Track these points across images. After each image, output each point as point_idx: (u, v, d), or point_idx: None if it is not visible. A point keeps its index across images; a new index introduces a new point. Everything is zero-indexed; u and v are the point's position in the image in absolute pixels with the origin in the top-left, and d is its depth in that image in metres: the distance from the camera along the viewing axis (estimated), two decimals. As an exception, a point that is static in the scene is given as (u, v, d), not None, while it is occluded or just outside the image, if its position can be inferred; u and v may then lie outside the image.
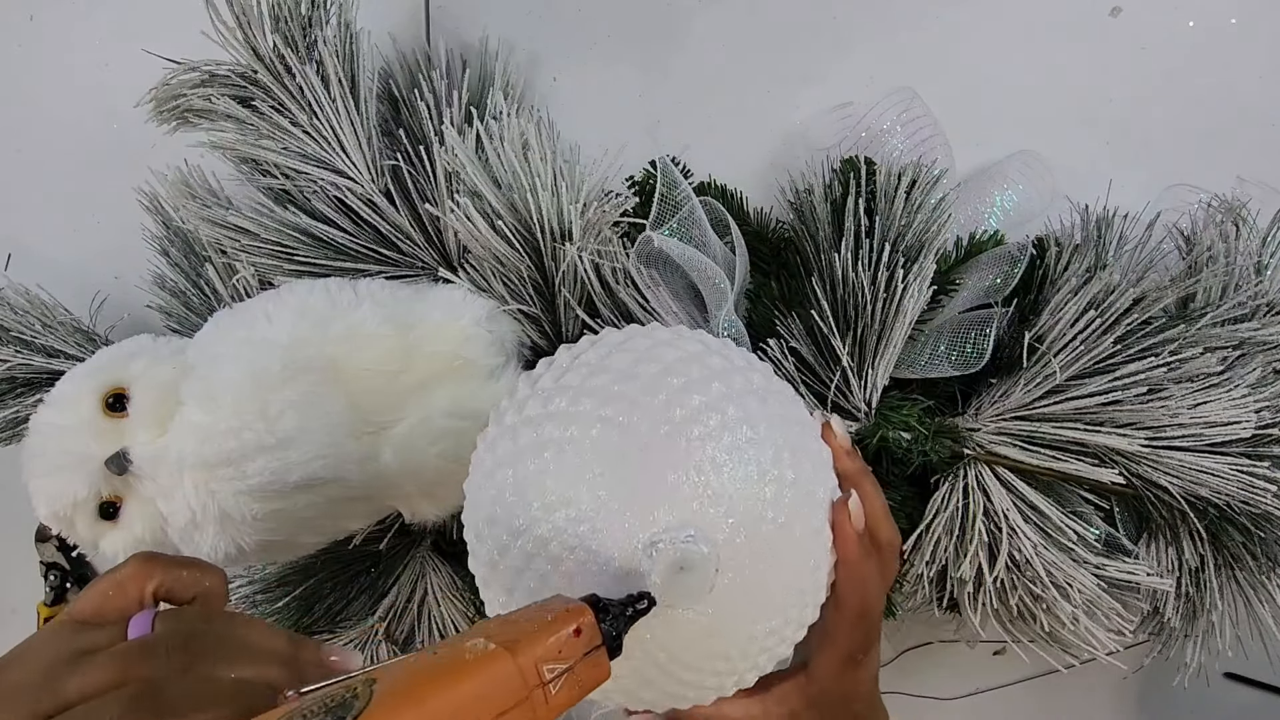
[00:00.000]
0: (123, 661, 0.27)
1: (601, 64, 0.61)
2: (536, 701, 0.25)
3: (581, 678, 0.26)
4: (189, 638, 0.29)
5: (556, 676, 0.25)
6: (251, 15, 0.49)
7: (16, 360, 0.55)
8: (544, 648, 0.25)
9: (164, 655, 0.28)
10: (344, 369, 0.47)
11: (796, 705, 0.38)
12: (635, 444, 0.32)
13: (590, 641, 0.26)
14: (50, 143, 0.67)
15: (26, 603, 0.73)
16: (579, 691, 0.26)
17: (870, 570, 0.36)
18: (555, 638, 0.25)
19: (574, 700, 0.26)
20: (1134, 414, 0.49)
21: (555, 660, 0.25)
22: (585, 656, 0.26)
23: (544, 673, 0.25)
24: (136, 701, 0.26)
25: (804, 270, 0.52)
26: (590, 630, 0.26)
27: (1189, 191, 0.56)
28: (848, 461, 0.37)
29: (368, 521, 0.53)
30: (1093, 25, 0.57)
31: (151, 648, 0.28)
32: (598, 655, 0.26)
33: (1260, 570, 0.52)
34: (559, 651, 0.25)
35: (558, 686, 0.25)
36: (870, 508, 0.36)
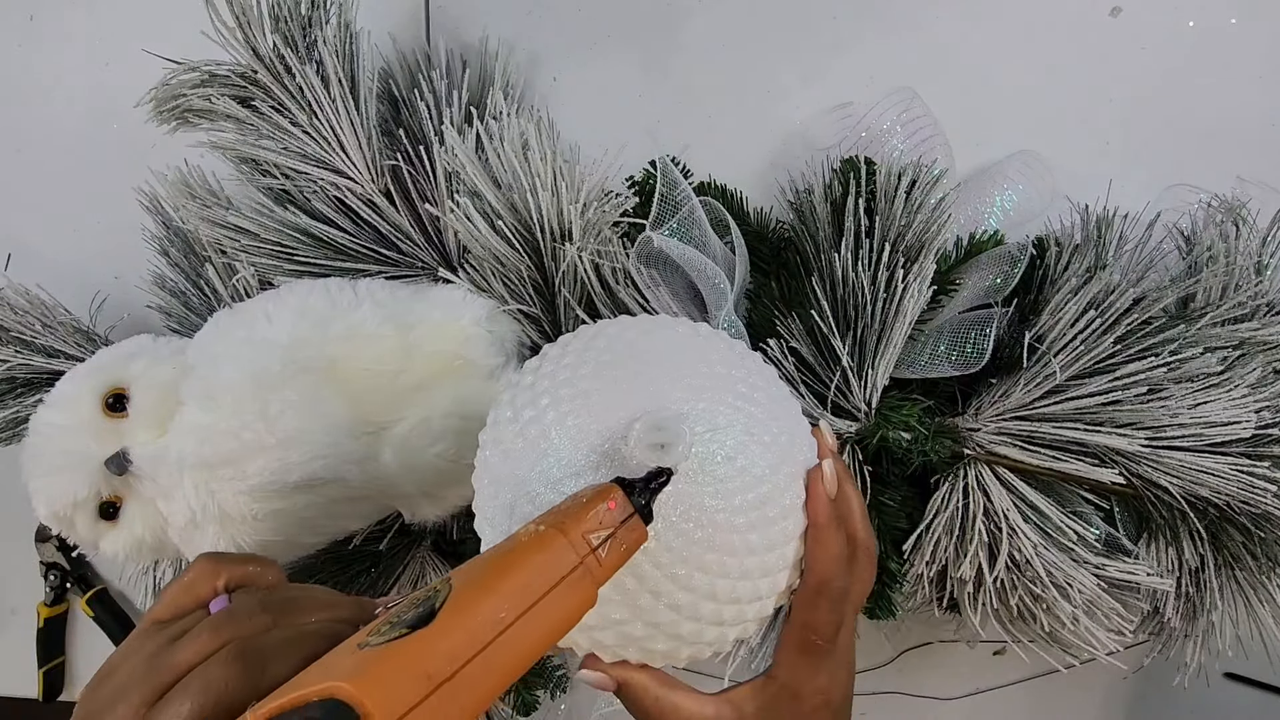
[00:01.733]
0: (216, 628, 0.30)
1: (601, 64, 0.61)
2: (590, 565, 0.29)
3: (624, 540, 0.30)
4: (266, 602, 0.32)
5: (602, 543, 0.29)
6: (251, 15, 0.49)
7: (16, 360, 0.55)
8: (586, 521, 0.29)
9: (249, 617, 0.31)
10: (344, 369, 0.47)
11: (749, 710, 0.37)
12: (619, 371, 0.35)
13: (624, 510, 0.30)
14: (50, 143, 0.67)
15: (27, 603, 0.73)
16: (625, 552, 0.30)
17: (836, 542, 0.36)
18: (594, 512, 0.30)
19: (622, 560, 0.30)
20: (1134, 414, 0.49)
21: (598, 529, 0.29)
22: (622, 524, 0.30)
23: (591, 541, 0.29)
24: (240, 656, 0.29)
25: (804, 270, 0.52)
26: (622, 502, 0.30)
27: (1189, 191, 0.56)
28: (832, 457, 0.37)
29: (368, 521, 0.53)
30: (1093, 25, 0.57)
31: (236, 614, 0.31)
32: (633, 522, 0.30)
33: (1260, 570, 0.52)
34: (599, 522, 0.29)
35: (605, 550, 0.29)
36: (849, 506, 0.37)
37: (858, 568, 0.37)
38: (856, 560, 0.37)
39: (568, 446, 0.34)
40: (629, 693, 0.37)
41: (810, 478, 0.36)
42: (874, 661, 0.66)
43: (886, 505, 0.52)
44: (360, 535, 0.56)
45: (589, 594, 0.29)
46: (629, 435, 0.32)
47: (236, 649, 0.29)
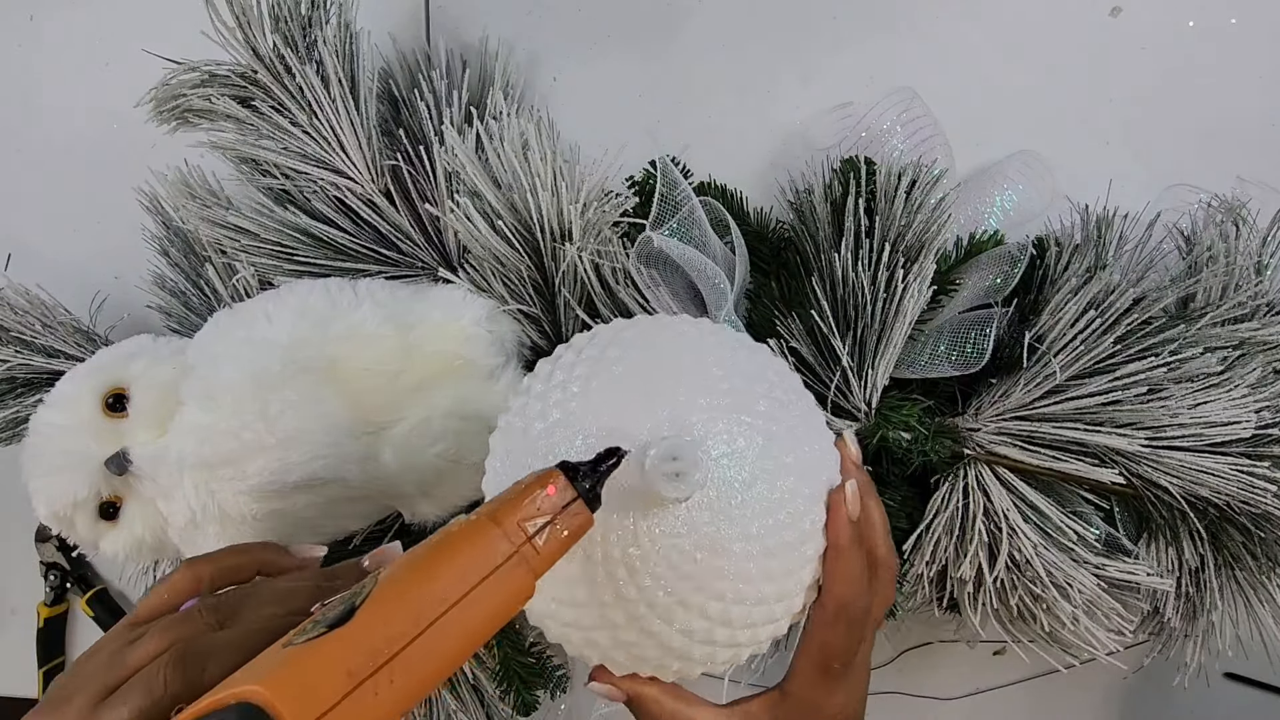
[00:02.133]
0: (166, 630, 0.31)
1: (601, 64, 0.61)
2: (526, 554, 0.27)
3: (564, 527, 0.28)
4: (217, 603, 0.32)
5: (539, 530, 0.28)
6: (251, 15, 0.49)
7: (16, 360, 0.55)
8: (521, 509, 0.28)
9: (199, 616, 0.32)
10: (344, 369, 0.47)
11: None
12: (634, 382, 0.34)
13: (565, 496, 0.29)
14: (50, 143, 0.67)
15: (27, 603, 0.73)
16: (566, 539, 0.28)
17: (856, 564, 0.35)
18: (530, 499, 0.28)
19: (563, 548, 0.28)
20: (1134, 414, 0.49)
21: (535, 516, 0.28)
22: (564, 509, 0.28)
23: (527, 529, 0.28)
24: (181, 658, 0.29)
25: (804, 270, 0.52)
26: (563, 487, 0.29)
27: (1189, 191, 0.56)
28: (855, 473, 0.37)
29: (368, 521, 0.53)
30: (1093, 25, 0.57)
31: (189, 614, 0.32)
32: (576, 506, 0.29)
33: (1260, 570, 0.52)
34: (537, 508, 0.28)
35: (543, 538, 0.28)
36: (871, 521, 0.36)
37: (878, 585, 0.37)
38: (877, 578, 0.37)
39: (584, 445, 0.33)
40: (641, 706, 0.36)
41: (832, 500, 0.35)
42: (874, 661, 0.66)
43: (886, 505, 0.52)
44: (360, 535, 0.56)
45: (525, 584, 0.28)
46: (644, 460, 0.31)
47: (178, 651, 0.30)
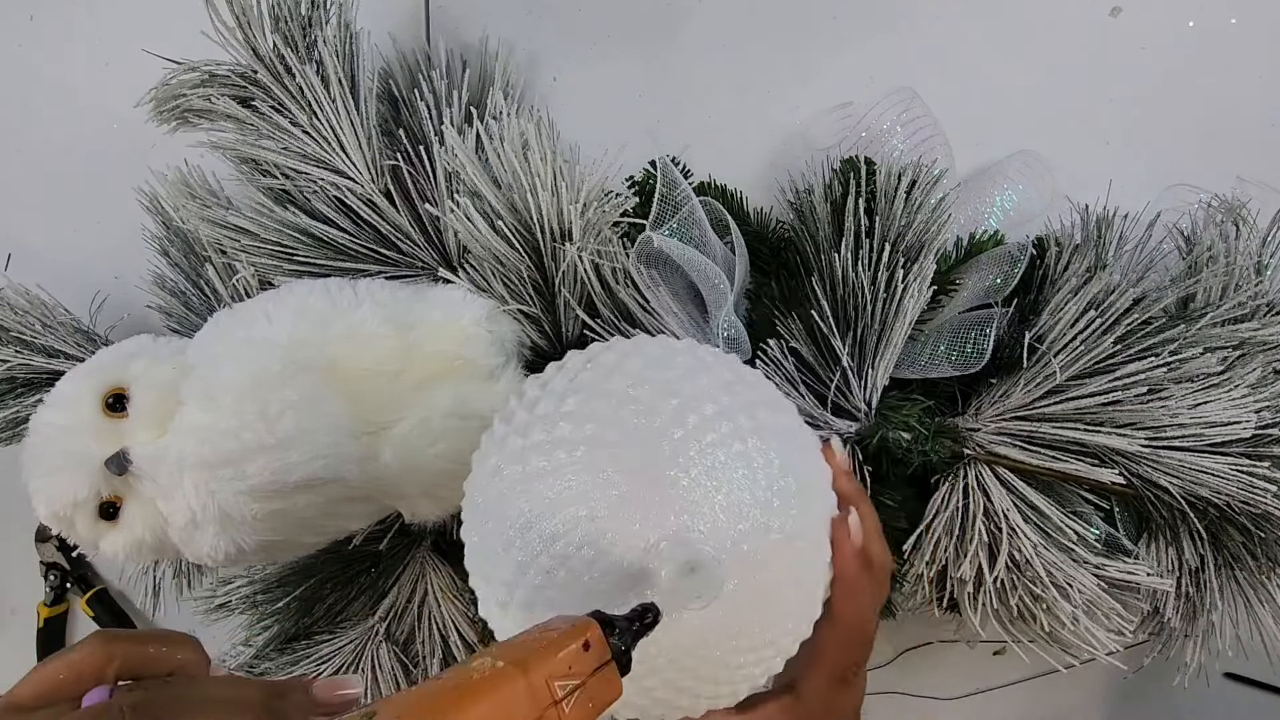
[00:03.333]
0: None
1: (601, 64, 0.61)
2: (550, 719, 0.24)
3: (594, 694, 0.25)
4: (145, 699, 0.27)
5: (569, 694, 0.24)
6: (251, 15, 0.49)
7: (16, 360, 0.55)
8: (554, 663, 0.24)
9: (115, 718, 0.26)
10: (344, 369, 0.47)
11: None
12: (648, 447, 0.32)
13: (600, 657, 0.25)
14: (50, 143, 0.67)
15: (26, 603, 0.73)
16: (593, 710, 0.25)
17: (865, 587, 0.36)
18: (565, 652, 0.25)
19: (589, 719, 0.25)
20: (1134, 414, 0.49)
21: (566, 676, 0.24)
22: (595, 672, 0.25)
23: (555, 690, 0.24)
24: None
25: (804, 270, 0.52)
26: (599, 644, 0.25)
27: (1189, 191, 0.56)
28: (846, 482, 0.37)
29: (368, 521, 0.53)
30: (1093, 25, 0.57)
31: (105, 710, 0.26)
32: (608, 671, 0.25)
33: (1260, 570, 0.52)
34: (569, 667, 0.24)
35: (570, 704, 0.24)
36: (867, 528, 0.37)
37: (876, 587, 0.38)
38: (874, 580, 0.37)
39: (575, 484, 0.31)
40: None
41: (837, 534, 0.35)
42: (874, 661, 0.66)
43: (886, 505, 0.52)
44: (360, 535, 0.56)
45: None
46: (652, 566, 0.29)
47: None
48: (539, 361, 0.54)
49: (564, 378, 0.35)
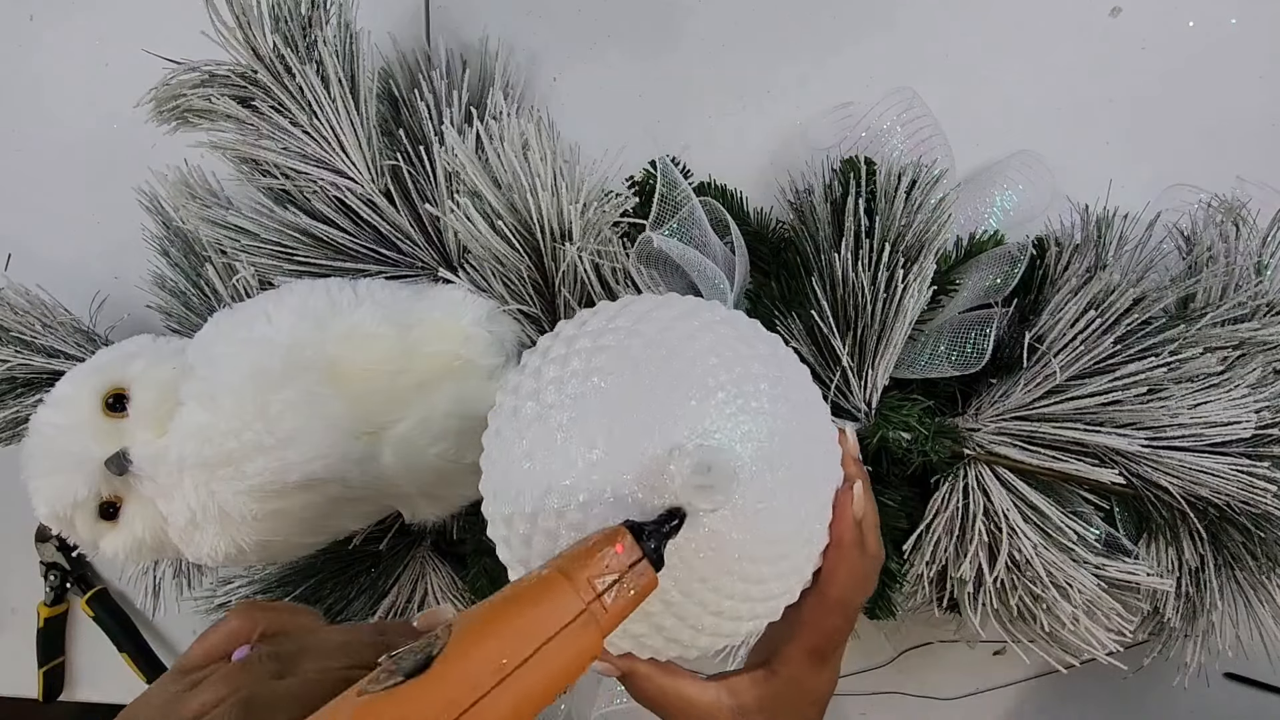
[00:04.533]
0: (226, 678, 0.31)
1: (601, 64, 0.61)
2: (596, 611, 0.27)
3: (632, 586, 0.28)
4: (277, 652, 0.32)
5: (608, 588, 0.28)
6: (251, 15, 0.49)
7: (16, 360, 0.55)
8: (592, 565, 0.28)
9: (259, 665, 0.31)
10: (344, 369, 0.47)
11: (748, 700, 0.38)
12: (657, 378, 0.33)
13: (633, 554, 0.29)
14: (50, 143, 0.67)
15: (27, 603, 0.73)
16: (634, 598, 0.28)
17: (856, 560, 0.37)
18: (601, 554, 0.28)
19: (630, 607, 0.28)
20: (1134, 414, 0.49)
21: (604, 574, 0.28)
22: (631, 568, 0.29)
23: (597, 585, 0.28)
24: (243, 707, 0.29)
25: (804, 270, 0.52)
26: (630, 545, 0.29)
27: (1189, 191, 0.56)
28: (854, 466, 0.38)
29: (368, 522, 0.53)
30: (1093, 25, 0.57)
31: (248, 662, 0.32)
32: (642, 566, 0.29)
33: (1260, 570, 0.52)
34: (606, 566, 0.28)
35: (612, 596, 0.28)
36: (867, 514, 0.37)
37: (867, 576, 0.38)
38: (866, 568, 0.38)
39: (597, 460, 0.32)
40: (634, 681, 0.38)
41: (840, 500, 0.36)
42: (874, 661, 0.66)
43: (886, 505, 0.52)
44: (360, 535, 0.56)
45: (594, 642, 0.27)
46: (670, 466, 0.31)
47: (241, 699, 0.29)
48: (539, 361, 0.53)
49: (549, 337, 0.36)
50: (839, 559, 0.36)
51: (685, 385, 0.33)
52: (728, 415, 0.33)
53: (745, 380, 0.34)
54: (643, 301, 0.37)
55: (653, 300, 0.37)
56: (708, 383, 0.33)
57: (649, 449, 0.32)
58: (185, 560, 0.56)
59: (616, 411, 0.33)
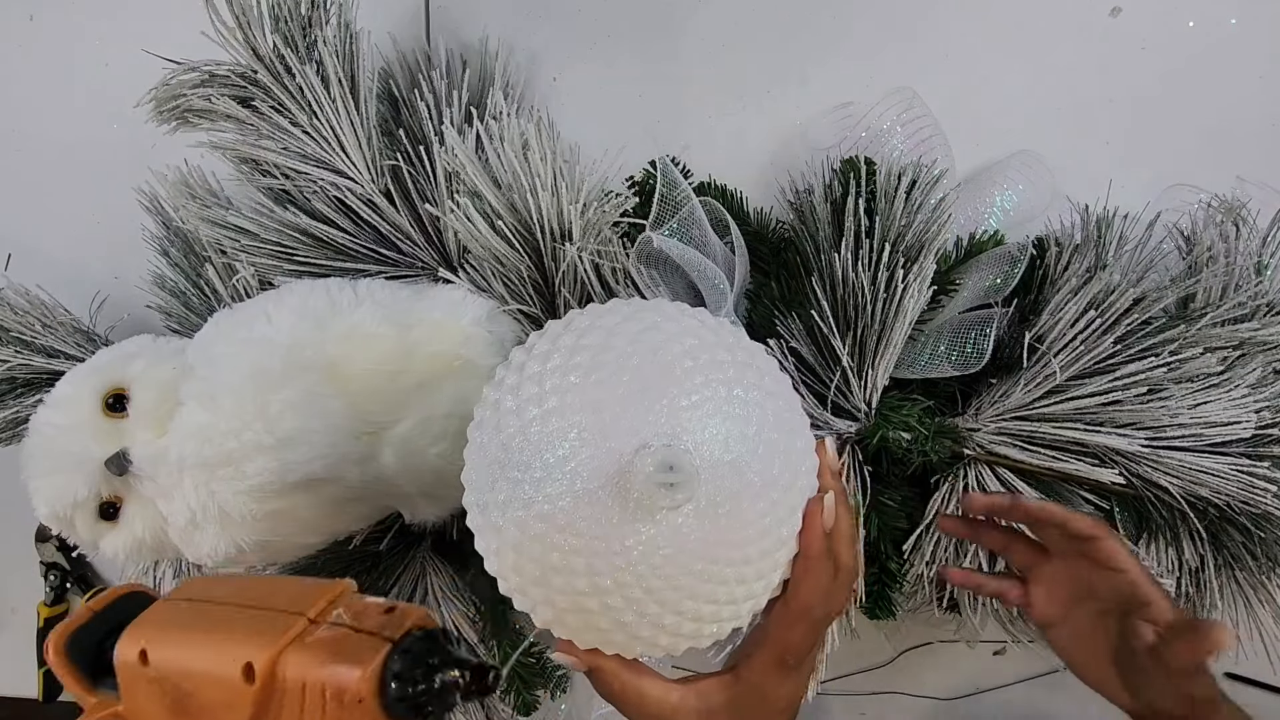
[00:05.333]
0: None
1: (601, 64, 0.61)
2: (295, 626, 0.25)
3: (346, 649, 0.25)
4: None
5: (334, 623, 0.26)
6: (251, 15, 0.49)
7: (16, 360, 0.55)
8: (358, 602, 0.26)
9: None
10: (344, 369, 0.47)
11: (715, 703, 0.38)
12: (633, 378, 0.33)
13: (383, 628, 0.26)
14: (50, 143, 0.67)
15: (27, 603, 0.73)
16: (326, 663, 0.25)
17: (824, 573, 0.36)
18: (371, 603, 0.26)
19: (310, 671, 0.25)
20: (1134, 414, 0.49)
21: (349, 613, 0.26)
22: (363, 635, 0.26)
23: (333, 615, 0.26)
24: None
25: (804, 270, 0.52)
26: (396, 623, 0.26)
27: (1189, 191, 0.56)
28: (831, 479, 0.38)
29: (367, 522, 0.53)
30: (1093, 25, 0.57)
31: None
32: (372, 644, 0.25)
33: (1260, 570, 0.52)
34: (360, 612, 0.26)
35: (322, 632, 0.25)
36: (840, 527, 0.37)
37: (837, 589, 0.38)
38: (837, 583, 0.38)
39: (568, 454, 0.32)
40: (599, 676, 0.38)
41: (809, 510, 0.36)
42: (874, 661, 0.66)
43: (886, 505, 0.52)
44: (360, 535, 0.56)
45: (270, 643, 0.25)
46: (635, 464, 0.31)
47: None
48: (539, 361, 0.54)
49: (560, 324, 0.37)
50: (805, 570, 0.36)
51: (660, 387, 0.33)
52: (698, 418, 0.33)
53: (719, 385, 0.34)
54: (629, 304, 0.37)
55: (638, 304, 0.37)
56: (683, 385, 0.34)
57: (618, 446, 0.32)
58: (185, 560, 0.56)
59: (590, 408, 0.33)
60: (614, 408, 0.33)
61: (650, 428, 0.33)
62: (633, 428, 0.33)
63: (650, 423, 0.33)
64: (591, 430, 0.33)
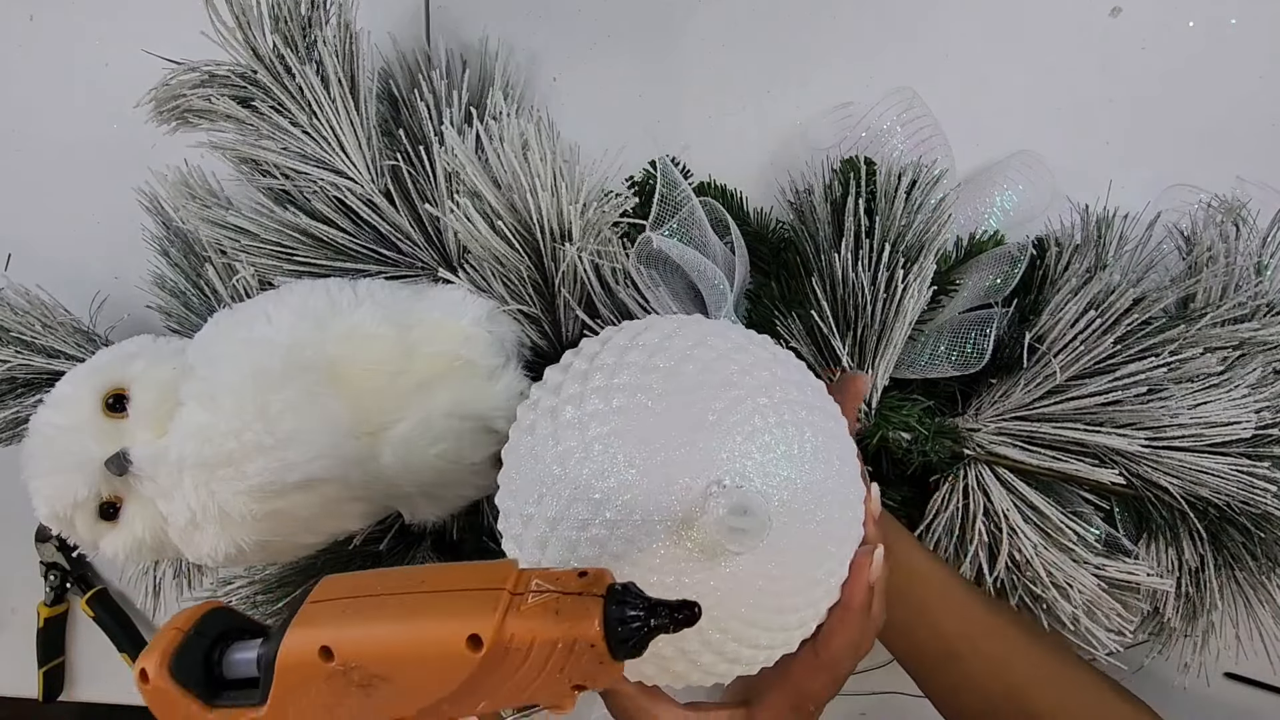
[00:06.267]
0: None
1: (601, 64, 0.61)
2: (502, 599, 0.26)
3: (565, 609, 0.26)
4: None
5: (537, 591, 0.27)
6: (251, 15, 0.49)
7: (16, 360, 0.55)
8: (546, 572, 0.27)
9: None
10: (344, 369, 0.47)
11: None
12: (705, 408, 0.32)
13: (588, 588, 0.27)
14: (50, 143, 0.67)
15: (27, 603, 0.73)
16: (555, 623, 0.26)
17: (860, 627, 0.36)
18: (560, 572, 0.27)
19: (541, 631, 0.26)
20: (1134, 414, 0.49)
21: (547, 581, 0.27)
22: (573, 596, 0.27)
23: (532, 585, 0.27)
24: None
25: (804, 270, 0.52)
26: (595, 582, 0.27)
27: (1189, 191, 0.56)
28: (874, 530, 0.37)
29: (367, 522, 0.53)
30: (1093, 25, 0.57)
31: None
32: (588, 602, 0.27)
33: (1260, 570, 0.52)
34: (556, 579, 0.27)
35: (533, 600, 0.27)
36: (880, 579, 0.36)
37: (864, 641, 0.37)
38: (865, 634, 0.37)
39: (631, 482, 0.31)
40: (613, 699, 0.37)
41: (858, 563, 0.35)
42: (874, 661, 0.66)
43: (886, 505, 0.52)
44: (360, 535, 0.56)
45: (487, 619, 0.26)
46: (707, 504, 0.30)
47: None
48: (539, 362, 0.54)
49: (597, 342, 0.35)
50: (843, 621, 0.35)
51: (731, 421, 0.32)
52: (769, 459, 0.32)
53: (792, 426, 0.33)
54: (700, 324, 0.36)
55: (710, 325, 0.36)
56: (755, 422, 0.32)
57: (686, 480, 0.31)
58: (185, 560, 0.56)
59: (660, 435, 0.32)
60: (684, 437, 0.32)
61: (721, 465, 0.31)
62: (702, 463, 0.31)
63: (721, 460, 0.31)
64: (660, 458, 0.31)
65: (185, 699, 0.29)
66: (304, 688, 0.28)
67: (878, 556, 0.36)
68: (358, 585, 0.29)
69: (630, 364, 0.33)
